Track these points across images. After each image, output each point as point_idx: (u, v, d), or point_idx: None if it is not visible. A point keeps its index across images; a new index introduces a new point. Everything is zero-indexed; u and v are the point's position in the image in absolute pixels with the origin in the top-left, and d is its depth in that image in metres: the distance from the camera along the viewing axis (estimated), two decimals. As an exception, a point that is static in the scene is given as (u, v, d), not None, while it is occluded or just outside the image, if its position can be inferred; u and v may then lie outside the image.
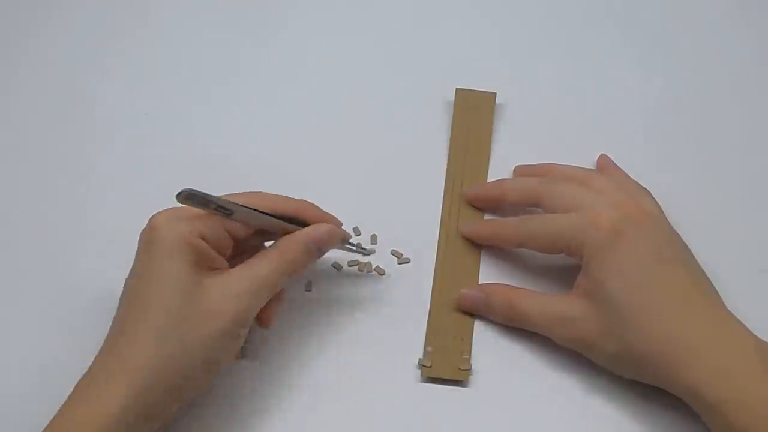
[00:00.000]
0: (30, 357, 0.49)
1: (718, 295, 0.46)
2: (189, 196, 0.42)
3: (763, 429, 0.40)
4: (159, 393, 0.40)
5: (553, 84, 0.61)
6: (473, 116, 0.57)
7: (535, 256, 0.51)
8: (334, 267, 0.53)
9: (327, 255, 0.52)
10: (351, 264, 0.53)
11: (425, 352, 0.49)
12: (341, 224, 0.49)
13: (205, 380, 0.43)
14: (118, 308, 0.43)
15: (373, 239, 0.53)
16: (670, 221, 0.49)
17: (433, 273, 0.52)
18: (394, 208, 0.55)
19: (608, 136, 0.58)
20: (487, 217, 0.54)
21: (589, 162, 0.55)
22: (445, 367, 0.48)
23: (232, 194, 0.45)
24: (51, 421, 0.40)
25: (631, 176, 0.53)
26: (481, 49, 0.62)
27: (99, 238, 0.54)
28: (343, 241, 0.49)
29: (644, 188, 0.51)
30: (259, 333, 0.49)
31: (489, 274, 0.52)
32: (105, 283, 0.50)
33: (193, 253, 0.42)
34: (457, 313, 0.50)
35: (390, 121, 0.59)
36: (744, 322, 0.45)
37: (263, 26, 0.63)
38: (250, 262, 0.44)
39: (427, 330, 0.50)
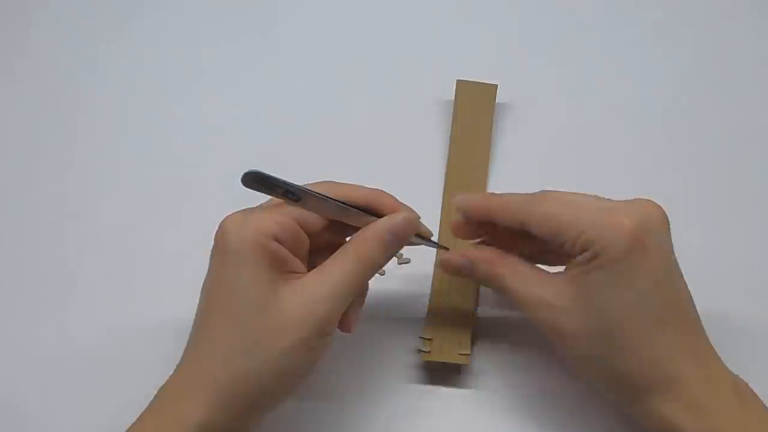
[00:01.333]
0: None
1: (701, 324, 0.44)
2: (255, 179, 0.40)
3: None
4: (238, 408, 0.39)
5: (555, 81, 0.61)
6: (474, 108, 0.58)
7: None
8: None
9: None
10: (351, 264, 0.53)
11: (423, 339, 0.48)
12: (419, 216, 0.45)
13: (288, 393, 0.42)
14: (196, 317, 0.42)
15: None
16: (672, 223, 0.48)
17: (432, 277, 0.52)
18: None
19: (610, 134, 0.58)
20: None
21: (592, 161, 0.55)
22: (444, 351, 0.48)
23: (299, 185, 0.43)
24: (128, 429, 0.40)
25: (635, 174, 0.53)
26: (483, 46, 0.62)
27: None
28: (421, 234, 0.46)
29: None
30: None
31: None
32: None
33: (267, 258, 0.40)
34: (457, 309, 0.50)
35: (389, 120, 0.59)
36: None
37: (258, 23, 0.63)
38: (326, 265, 0.42)
39: (425, 321, 0.49)
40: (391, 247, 0.43)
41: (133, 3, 0.65)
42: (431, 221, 0.53)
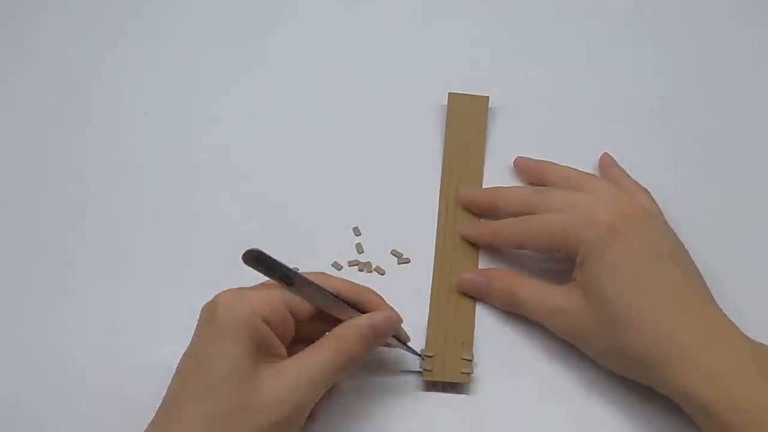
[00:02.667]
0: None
1: (712, 296, 0.46)
2: (257, 259, 0.41)
3: (756, 429, 0.40)
4: None
5: (546, 88, 0.60)
6: (467, 120, 0.57)
7: (532, 257, 0.52)
8: (334, 267, 0.53)
9: (327, 253, 0.53)
10: (351, 264, 0.53)
11: (425, 356, 0.48)
12: (401, 319, 0.46)
13: None
14: (172, 382, 0.42)
15: (359, 247, 0.53)
16: (669, 222, 0.49)
17: (431, 277, 0.52)
18: (393, 208, 0.55)
19: (603, 140, 0.57)
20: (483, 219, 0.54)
21: (584, 165, 0.54)
22: (446, 370, 0.48)
23: None
24: None
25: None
26: (475, 54, 0.62)
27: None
28: (400, 336, 0.47)
29: (644, 188, 0.51)
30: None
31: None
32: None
33: (254, 339, 0.41)
34: (457, 317, 0.50)
35: (386, 125, 0.58)
36: (742, 322, 0.45)
37: (254, 32, 0.63)
38: (306, 353, 0.42)
39: (426, 335, 0.50)
40: (370, 342, 0.44)
41: (132, 5, 0.65)
42: (430, 227, 0.54)
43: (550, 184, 0.52)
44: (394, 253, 0.53)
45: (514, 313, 0.50)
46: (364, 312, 0.45)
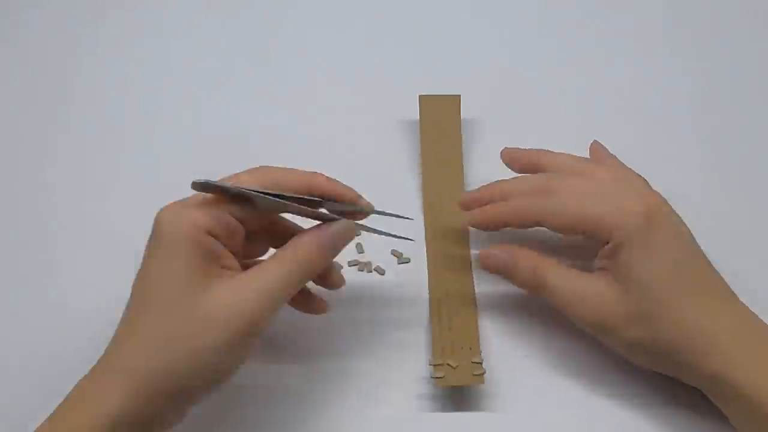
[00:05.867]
0: (31, 360, 0.49)
1: (727, 284, 0.46)
2: (204, 187, 0.40)
3: None
4: (158, 400, 0.39)
5: (524, 90, 0.61)
6: (440, 120, 0.57)
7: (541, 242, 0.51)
8: (334, 267, 0.53)
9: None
10: (351, 264, 0.53)
11: (434, 365, 0.47)
12: (358, 195, 0.45)
13: (210, 389, 0.41)
14: (126, 307, 0.41)
15: (359, 247, 0.53)
16: None
17: (428, 282, 0.52)
18: (394, 207, 0.55)
19: (582, 138, 0.57)
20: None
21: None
22: (458, 374, 0.47)
23: (235, 174, 0.43)
24: (48, 418, 0.39)
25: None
26: (448, 59, 0.63)
27: (98, 240, 0.54)
28: (366, 216, 0.46)
29: (641, 177, 0.50)
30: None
31: (484, 275, 0.51)
32: (108, 287, 0.48)
33: (199, 251, 0.40)
34: (460, 320, 0.49)
35: (386, 125, 0.59)
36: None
37: (231, 40, 0.64)
38: (262, 265, 0.41)
39: (432, 342, 0.48)
40: (330, 252, 0.43)
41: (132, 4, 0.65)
42: (414, 237, 0.52)
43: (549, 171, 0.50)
44: (394, 253, 0.53)
45: (519, 307, 0.50)
46: (319, 199, 0.43)
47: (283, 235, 0.45)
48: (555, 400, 0.47)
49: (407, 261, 0.53)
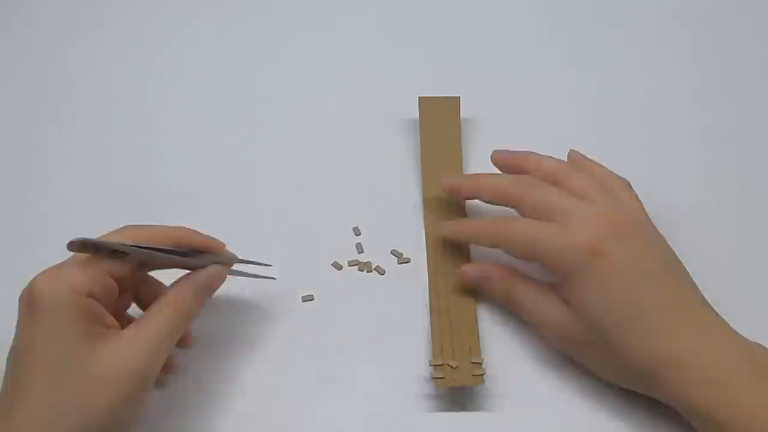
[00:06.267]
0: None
1: (704, 299, 0.45)
2: (82, 245, 0.40)
3: None
4: None
5: (524, 93, 0.61)
6: (440, 122, 0.57)
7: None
8: (334, 266, 0.53)
9: (327, 253, 0.53)
10: (351, 264, 0.53)
11: (434, 365, 0.47)
12: (224, 245, 0.47)
13: None
14: (5, 381, 0.39)
15: (359, 247, 0.53)
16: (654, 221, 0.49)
17: (428, 282, 0.52)
18: (394, 208, 0.55)
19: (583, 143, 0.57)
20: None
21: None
22: (458, 375, 0.47)
23: (102, 235, 0.43)
24: None
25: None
26: (448, 59, 0.63)
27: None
28: (231, 265, 0.47)
29: (622, 179, 0.49)
30: (259, 336, 0.49)
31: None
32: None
33: (82, 315, 0.39)
34: (460, 319, 0.49)
35: (387, 124, 0.59)
36: (738, 323, 0.44)
37: (251, 33, 0.64)
38: (143, 319, 0.42)
39: (432, 342, 0.48)
40: (204, 298, 0.44)
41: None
42: (414, 237, 0.54)
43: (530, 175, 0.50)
44: (394, 253, 0.53)
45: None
46: (189, 252, 0.44)
47: (147, 291, 0.46)
48: (555, 400, 0.47)
49: (407, 261, 0.53)
